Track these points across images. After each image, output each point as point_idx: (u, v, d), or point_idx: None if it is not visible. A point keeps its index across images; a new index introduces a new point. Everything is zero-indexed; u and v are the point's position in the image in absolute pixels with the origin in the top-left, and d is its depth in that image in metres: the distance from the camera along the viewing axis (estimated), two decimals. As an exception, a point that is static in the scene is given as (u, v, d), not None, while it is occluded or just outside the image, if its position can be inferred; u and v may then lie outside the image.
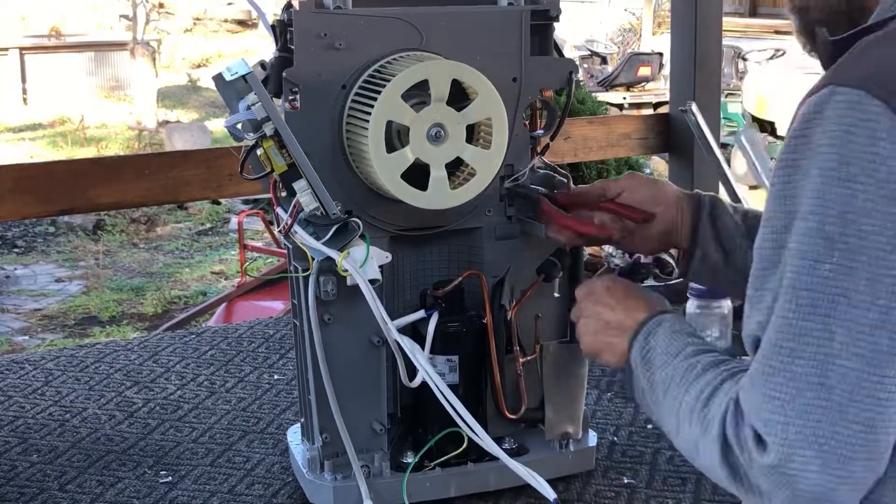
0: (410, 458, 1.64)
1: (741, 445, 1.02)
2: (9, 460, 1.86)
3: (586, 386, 1.76)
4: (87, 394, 2.14)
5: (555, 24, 1.65)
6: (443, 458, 1.63)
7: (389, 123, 1.47)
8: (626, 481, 1.76)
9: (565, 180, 1.67)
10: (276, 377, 2.23)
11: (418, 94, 1.48)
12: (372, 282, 1.47)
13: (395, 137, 1.50)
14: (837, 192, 0.96)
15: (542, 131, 1.68)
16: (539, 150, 1.69)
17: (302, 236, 1.50)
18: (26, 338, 7.19)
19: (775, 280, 1.01)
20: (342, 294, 1.53)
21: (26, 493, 1.74)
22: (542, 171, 1.69)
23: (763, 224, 1.04)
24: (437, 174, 1.49)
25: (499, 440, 1.68)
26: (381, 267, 1.50)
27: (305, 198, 1.46)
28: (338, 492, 1.61)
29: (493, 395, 1.65)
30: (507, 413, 1.66)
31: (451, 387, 1.58)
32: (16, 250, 9.28)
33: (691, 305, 2.31)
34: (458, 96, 1.50)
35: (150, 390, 2.16)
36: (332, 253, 1.47)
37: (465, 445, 1.56)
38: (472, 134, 1.52)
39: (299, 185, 1.46)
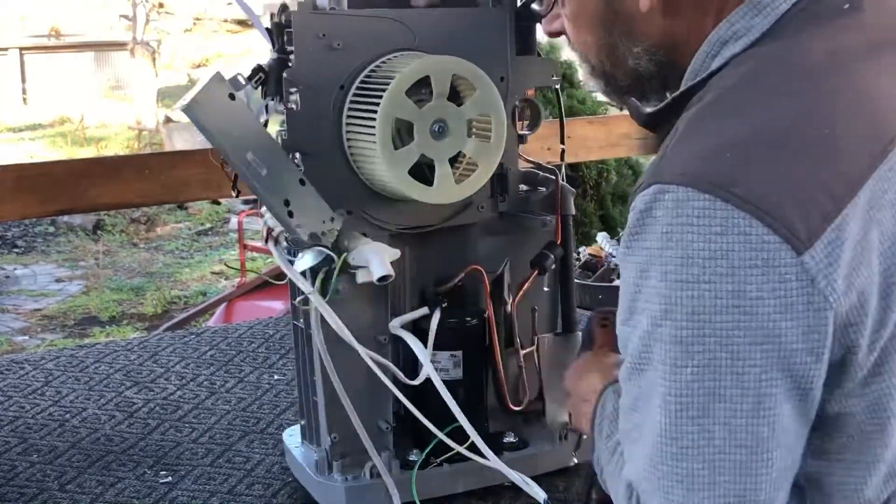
0: (416, 456, 1.65)
1: None
2: (9, 460, 1.86)
3: None
4: (87, 394, 2.14)
5: (538, 24, 1.66)
6: (447, 455, 1.63)
7: (392, 121, 1.49)
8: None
9: (552, 176, 1.69)
10: (276, 377, 2.23)
11: (417, 92, 1.50)
12: (385, 278, 1.49)
13: (396, 135, 1.51)
14: (684, 294, 0.94)
15: (527, 131, 1.71)
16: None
17: (277, 257, 1.52)
18: (26, 338, 7.19)
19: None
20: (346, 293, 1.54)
21: (26, 493, 1.74)
22: (527, 169, 1.72)
23: (620, 332, 1.02)
24: (443, 169, 1.52)
25: (500, 435, 1.70)
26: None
27: (271, 220, 1.49)
28: (350, 492, 1.61)
29: (497, 389, 1.67)
30: (510, 406, 1.68)
31: (455, 382, 1.60)
32: (16, 250, 9.28)
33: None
34: (451, 94, 1.53)
35: (150, 390, 2.16)
36: (304, 286, 1.49)
37: (469, 441, 1.57)
38: (468, 130, 1.54)
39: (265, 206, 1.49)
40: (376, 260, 1.49)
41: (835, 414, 0.99)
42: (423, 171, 1.52)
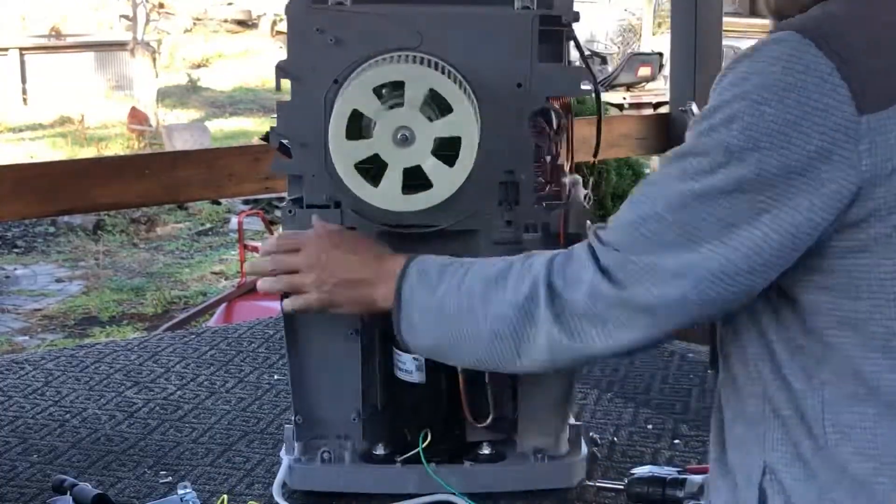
0: (381, 451, 1.69)
1: (572, 282, 1.14)
2: (9, 460, 1.86)
3: (573, 400, 1.75)
4: (87, 394, 2.14)
5: (569, 29, 1.60)
6: (409, 454, 1.65)
7: (360, 115, 1.50)
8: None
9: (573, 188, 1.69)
10: (276, 377, 2.23)
11: (396, 96, 1.49)
12: None
13: (365, 130, 1.52)
14: (748, 110, 1.05)
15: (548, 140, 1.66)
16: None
17: None
18: (26, 338, 7.19)
19: None
20: None
21: (26, 493, 1.74)
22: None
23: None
24: (392, 174, 1.51)
25: (476, 445, 1.69)
26: None
27: None
28: (294, 471, 1.70)
29: (458, 399, 1.63)
30: (470, 418, 1.65)
31: (415, 385, 1.62)
32: (16, 250, 9.27)
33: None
34: (442, 108, 1.50)
35: (150, 390, 2.16)
36: None
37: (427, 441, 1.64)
38: (432, 147, 1.50)
39: None
40: None
41: None
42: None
